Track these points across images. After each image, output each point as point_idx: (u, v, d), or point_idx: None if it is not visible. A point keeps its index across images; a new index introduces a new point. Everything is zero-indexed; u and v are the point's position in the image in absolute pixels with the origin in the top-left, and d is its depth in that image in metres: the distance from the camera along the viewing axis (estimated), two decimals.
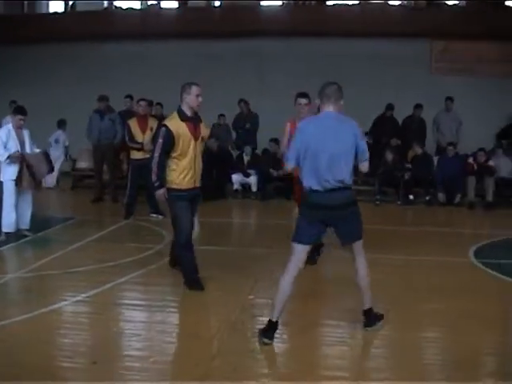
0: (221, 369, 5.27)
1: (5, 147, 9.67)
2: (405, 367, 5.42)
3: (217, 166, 15.37)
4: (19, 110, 10.09)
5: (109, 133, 14.14)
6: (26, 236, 10.08)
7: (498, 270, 8.48)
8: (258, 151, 16.55)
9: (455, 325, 6.40)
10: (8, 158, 9.67)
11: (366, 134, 16.13)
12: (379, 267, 8.35)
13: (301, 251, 5.86)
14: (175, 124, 7.30)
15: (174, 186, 7.35)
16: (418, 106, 15.99)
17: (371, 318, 6.17)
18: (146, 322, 6.71)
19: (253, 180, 15.56)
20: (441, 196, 14.60)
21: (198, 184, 7.56)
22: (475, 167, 14.55)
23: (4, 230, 9.93)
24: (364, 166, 5.97)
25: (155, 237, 10.33)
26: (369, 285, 6.04)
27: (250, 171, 15.61)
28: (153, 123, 11.88)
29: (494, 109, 16.90)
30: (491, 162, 14.68)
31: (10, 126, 9.95)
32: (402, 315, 6.73)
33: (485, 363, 5.68)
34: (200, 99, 7.38)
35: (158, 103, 15.80)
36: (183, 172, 7.33)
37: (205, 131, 7.74)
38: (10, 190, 9.85)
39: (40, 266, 8.45)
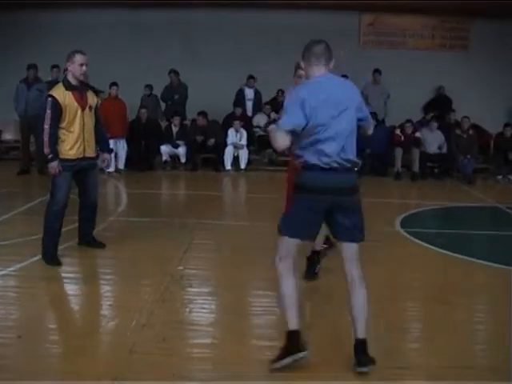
0: (150, 339, 5.25)
1: None
2: (329, 336, 5.49)
3: (145, 137, 15.30)
4: None
5: (36, 104, 13.83)
6: None
7: (422, 239, 8.65)
8: (187, 122, 16.49)
9: (378, 293, 6.48)
10: None
11: None
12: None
13: (293, 247, 4.89)
14: (61, 94, 7.13)
15: (61, 156, 7.18)
16: (342, 76, 16.09)
17: (365, 355, 4.75)
18: (74, 294, 6.66)
19: (181, 151, 15.51)
20: (368, 167, 14.79)
21: (89, 154, 7.43)
22: (402, 138, 14.78)
23: None
24: (371, 130, 5.07)
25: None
26: (368, 313, 4.87)
27: (178, 142, 15.53)
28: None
29: (422, 82, 17.12)
30: (418, 134, 14.95)
31: None
32: (326, 285, 6.79)
33: (405, 330, 5.79)
34: (84, 68, 7.20)
35: None
36: (71, 142, 7.21)
37: (92, 100, 7.49)
38: None
39: None
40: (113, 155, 14.44)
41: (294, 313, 4.76)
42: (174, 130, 15.72)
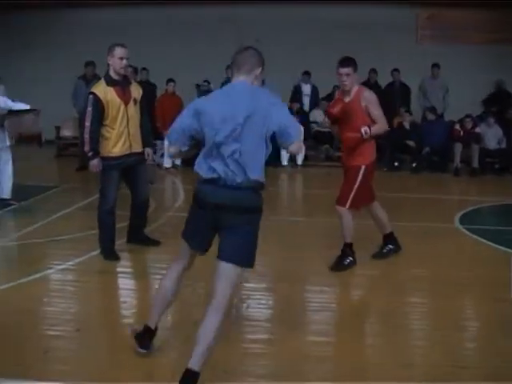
0: None
1: None
2: (385, 332, 5.44)
3: None
4: None
5: None
6: (10, 205, 10.01)
7: (482, 235, 8.51)
8: None
9: (437, 290, 6.42)
10: None
11: None
12: (364, 233, 8.37)
13: (186, 250, 4.71)
14: (102, 90, 7.03)
15: (106, 155, 7.11)
16: (395, 71, 16.04)
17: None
18: (131, 289, 6.71)
19: None
20: (427, 162, 14.64)
21: (136, 149, 7.31)
22: (462, 134, 14.56)
23: None
24: (294, 147, 4.41)
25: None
26: (212, 345, 4.27)
27: None
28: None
29: (481, 76, 16.83)
30: (478, 129, 14.70)
31: None
32: (386, 281, 6.75)
33: (466, 328, 5.68)
34: (124, 62, 7.08)
35: (144, 68, 15.75)
36: (115, 139, 7.09)
37: (137, 93, 7.34)
38: None
39: (24, 235, 8.40)
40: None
41: (157, 312, 4.77)
42: None
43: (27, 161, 11.63)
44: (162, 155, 14.68)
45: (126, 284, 6.84)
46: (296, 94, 16.76)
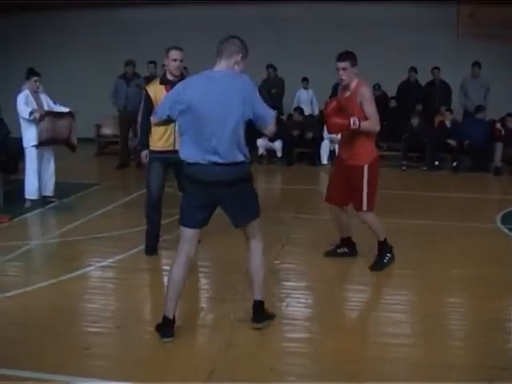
0: (247, 333, 5.25)
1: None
2: (424, 332, 5.39)
3: None
4: (32, 72, 10.00)
5: (135, 99, 14.08)
6: (51, 202, 10.11)
7: None
8: (284, 117, 16.46)
9: (478, 290, 6.35)
10: (31, 114, 9.60)
11: (393, 98, 16.06)
12: (404, 233, 8.34)
13: (188, 236, 5.05)
14: (153, 88, 7.42)
15: (152, 148, 7.44)
16: (435, 69, 15.89)
17: (261, 314, 5.33)
18: None
19: (278, 145, 15.51)
20: (467, 162, 14.49)
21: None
22: (503, 133, 14.38)
23: (28, 197, 9.96)
24: (268, 131, 5.08)
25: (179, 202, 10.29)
26: (263, 276, 5.25)
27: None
28: None
29: None
30: None
31: (27, 91, 9.86)
32: (424, 280, 6.69)
33: (506, 329, 5.60)
34: (177, 63, 7.41)
35: (184, 68, 15.78)
36: (159, 134, 7.34)
37: None
38: (31, 156, 9.83)
39: (65, 232, 8.48)
40: None
41: (173, 301, 5.04)
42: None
43: (68, 159, 11.69)
44: None
45: (164, 281, 6.85)
46: (335, 93, 16.70)
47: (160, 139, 7.36)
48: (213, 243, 7.87)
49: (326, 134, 15.18)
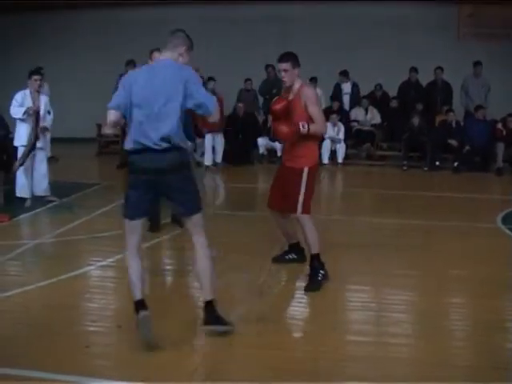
0: (248, 333, 5.25)
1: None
2: (424, 332, 5.38)
3: (242, 131, 15.36)
4: (34, 71, 10.05)
5: None
6: (51, 201, 10.11)
7: None
8: None
9: (478, 290, 6.34)
10: (25, 113, 9.61)
11: (394, 98, 16.04)
12: (404, 233, 8.34)
13: (131, 227, 5.03)
14: None
15: None
16: (438, 69, 15.87)
17: (213, 315, 5.09)
18: (171, 286, 6.72)
19: (278, 145, 15.47)
20: (468, 162, 14.48)
21: None
22: (504, 133, 14.38)
23: (18, 194, 9.98)
24: (211, 118, 4.99)
25: None
26: (211, 274, 5.10)
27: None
28: None
29: None
30: None
31: (27, 90, 9.88)
32: (424, 280, 6.69)
33: (506, 329, 5.59)
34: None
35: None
36: None
37: None
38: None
39: (66, 231, 8.48)
40: (210, 148, 14.56)
41: (138, 286, 5.06)
42: (271, 123, 15.67)
43: (68, 158, 11.73)
44: (203, 154, 14.73)
45: (165, 281, 6.86)
46: (336, 93, 16.72)
47: None
48: (215, 246, 7.87)
49: (326, 134, 15.22)
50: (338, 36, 17.50)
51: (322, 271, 6.47)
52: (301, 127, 6.17)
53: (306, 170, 6.37)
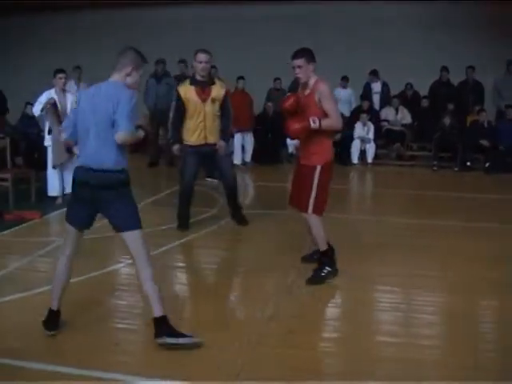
0: (276, 332, 5.24)
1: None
2: (455, 335, 5.33)
3: (272, 130, 15.35)
4: (59, 70, 10.17)
5: (166, 97, 14.14)
6: None
7: None
8: None
9: (509, 293, 6.26)
10: (42, 109, 9.69)
11: (424, 98, 15.91)
12: (434, 233, 8.28)
13: (70, 233, 5.21)
14: (184, 88, 8.37)
15: (185, 142, 8.42)
16: (469, 68, 15.75)
17: (162, 329, 4.92)
18: (201, 284, 6.72)
19: (293, 142, 15.47)
20: (501, 162, 14.32)
21: (211, 140, 8.40)
22: None
23: (50, 193, 10.07)
24: (117, 136, 4.88)
25: (210, 201, 10.35)
26: (157, 292, 4.96)
27: None
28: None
29: None
30: None
31: (53, 90, 9.94)
32: (455, 282, 6.62)
33: None
34: (202, 65, 8.27)
35: (213, 66, 15.85)
36: (192, 129, 8.34)
37: (216, 92, 8.41)
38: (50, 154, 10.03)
39: (95, 229, 8.42)
40: (240, 148, 14.58)
41: (57, 295, 5.18)
42: None
43: None
44: (232, 153, 14.76)
45: (196, 280, 6.85)
46: (366, 92, 16.64)
47: (192, 135, 8.33)
48: (244, 245, 7.89)
49: (355, 133, 15.17)
50: (367, 35, 17.40)
51: (328, 268, 6.52)
52: (311, 122, 6.18)
53: (318, 167, 6.36)
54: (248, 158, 15.23)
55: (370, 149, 15.33)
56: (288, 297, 6.07)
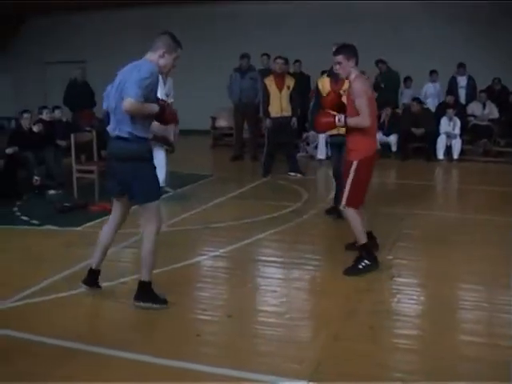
0: (356, 327, 5.23)
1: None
2: None
3: None
4: None
5: (250, 91, 14.25)
6: (166, 192, 10.30)
7: None
8: (399, 110, 16.21)
9: None
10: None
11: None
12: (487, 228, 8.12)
13: (113, 203, 5.79)
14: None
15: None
16: None
17: (142, 293, 5.50)
18: (282, 278, 6.73)
19: (393, 139, 15.33)
20: None
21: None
22: None
23: None
24: (124, 103, 5.11)
25: (293, 195, 10.37)
26: (152, 261, 5.55)
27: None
28: (290, 81, 12.09)
29: None
30: None
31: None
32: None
33: None
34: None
35: (297, 60, 15.87)
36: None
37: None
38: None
39: (180, 221, 8.64)
40: (324, 142, 14.51)
41: (98, 254, 5.74)
42: (385, 118, 15.50)
43: (184, 150, 11.92)
44: (316, 147, 14.76)
45: (274, 273, 6.86)
46: (451, 86, 16.34)
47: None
48: (327, 240, 7.88)
49: (441, 128, 14.93)
50: (454, 28, 17.12)
51: (367, 261, 6.55)
52: (336, 120, 6.39)
53: (355, 163, 6.47)
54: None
55: (456, 144, 15.03)
56: (369, 292, 6.04)
